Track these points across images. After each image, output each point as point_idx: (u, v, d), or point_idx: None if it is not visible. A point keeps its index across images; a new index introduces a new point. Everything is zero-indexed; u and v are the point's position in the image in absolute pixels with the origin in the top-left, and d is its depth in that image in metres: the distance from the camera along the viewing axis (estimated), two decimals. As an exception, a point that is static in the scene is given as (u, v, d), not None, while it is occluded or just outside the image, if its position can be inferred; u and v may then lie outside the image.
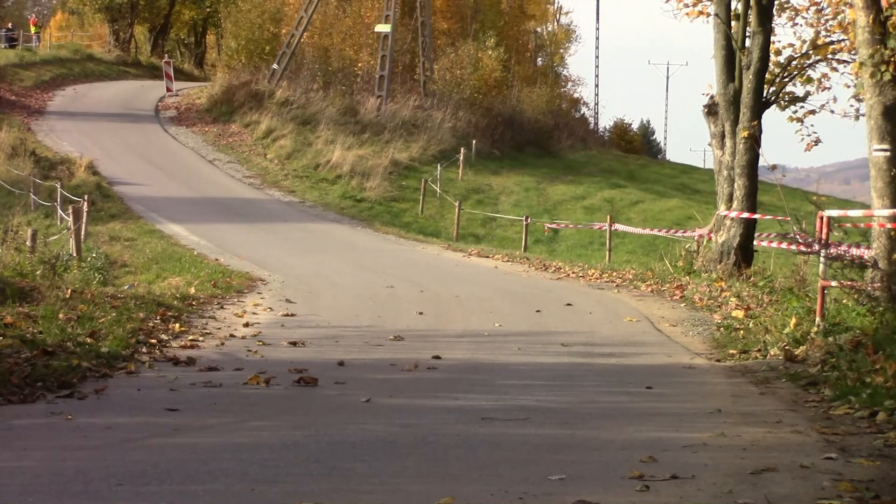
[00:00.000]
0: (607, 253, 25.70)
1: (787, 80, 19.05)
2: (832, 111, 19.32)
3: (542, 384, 9.49)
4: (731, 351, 11.52)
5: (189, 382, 8.99)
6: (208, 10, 65.32)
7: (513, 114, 50.80)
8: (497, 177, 42.90)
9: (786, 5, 19.60)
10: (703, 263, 19.03)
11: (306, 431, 7.00)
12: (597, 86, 74.35)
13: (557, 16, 71.03)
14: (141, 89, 53.33)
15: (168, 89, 51.84)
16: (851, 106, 17.92)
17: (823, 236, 11.57)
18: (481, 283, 19.18)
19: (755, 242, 19.00)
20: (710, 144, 19.39)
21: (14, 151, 36.87)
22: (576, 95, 70.62)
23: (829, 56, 19.11)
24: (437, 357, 10.69)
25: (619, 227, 27.24)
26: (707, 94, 19.37)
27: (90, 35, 67.55)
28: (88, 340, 10.38)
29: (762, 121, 18.42)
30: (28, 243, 18.94)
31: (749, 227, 18.56)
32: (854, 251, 12.63)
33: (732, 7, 18.76)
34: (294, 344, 11.55)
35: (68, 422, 7.28)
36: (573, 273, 20.96)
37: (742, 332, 12.49)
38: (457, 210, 33.42)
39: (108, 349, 10.17)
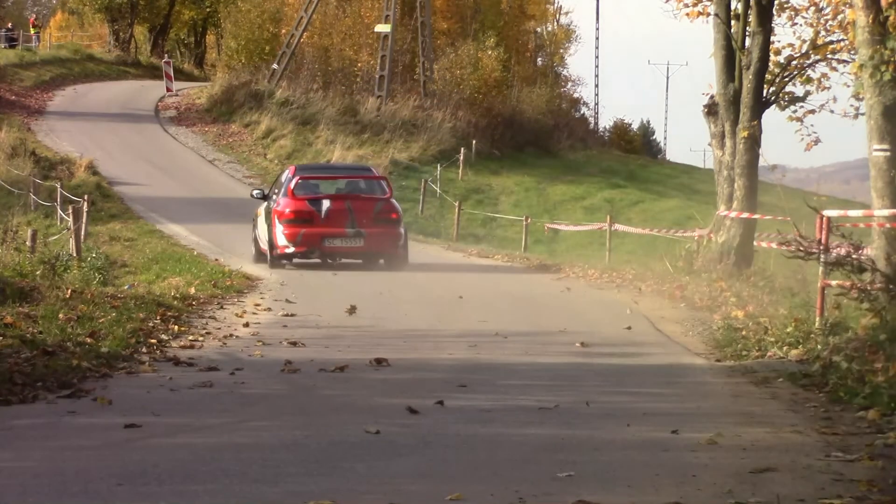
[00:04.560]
0: (607, 253, 25.68)
1: (786, 80, 19.04)
2: (832, 111, 19.31)
3: (542, 384, 9.49)
4: (730, 351, 11.51)
5: (189, 383, 8.99)
6: (208, 10, 65.33)
7: (513, 114, 50.79)
8: (497, 177, 42.90)
9: (786, 5, 19.59)
10: (703, 263, 19.02)
11: (306, 431, 7.00)
12: (597, 86, 74.30)
13: (557, 16, 70.97)
14: (141, 89, 53.33)
15: (168, 89, 51.84)
16: (851, 106, 17.92)
17: (823, 238, 11.57)
18: (481, 283, 19.17)
19: (755, 243, 18.99)
20: (710, 144, 19.39)
21: (14, 151, 36.89)
22: (576, 95, 70.60)
23: (829, 56, 19.10)
24: (438, 357, 10.68)
25: (619, 227, 27.22)
26: (707, 94, 19.37)
27: (90, 35, 67.59)
28: (88, 340, 10.38)
29: (762, 121, 18.41)
30: (28, 243, 18.94)
31: (749, 228, 18.55)
32: (854, 252, 12.62)
33: (732, 7, 18.75)
34: (294, 344, 11.54)
35: (68, 422, 7.28)
36: (573, 273, 20.95)
37: (742, 332, 12.48)
38: (457, 210, 33.41)
39: (108, 349, 10.16)
